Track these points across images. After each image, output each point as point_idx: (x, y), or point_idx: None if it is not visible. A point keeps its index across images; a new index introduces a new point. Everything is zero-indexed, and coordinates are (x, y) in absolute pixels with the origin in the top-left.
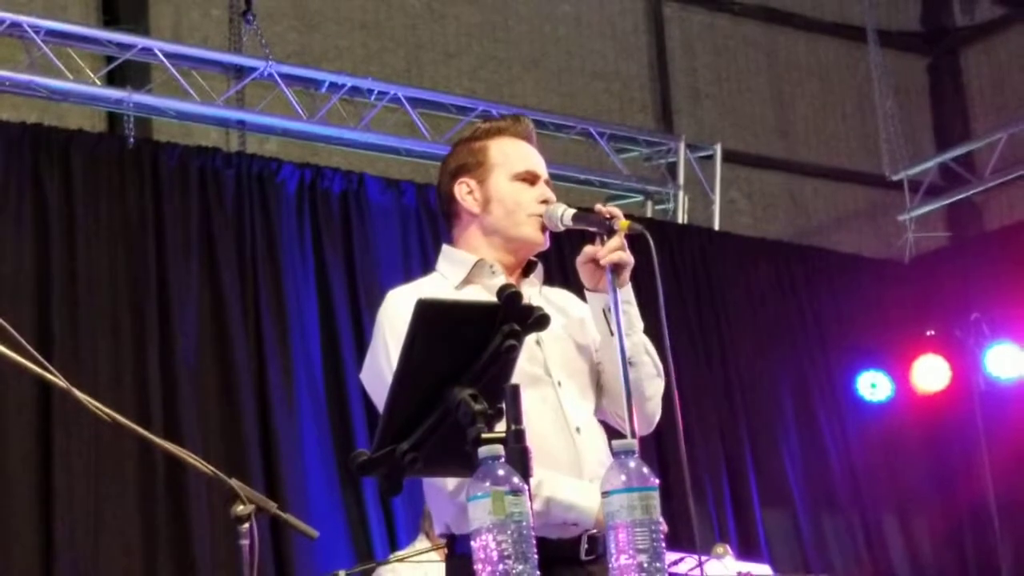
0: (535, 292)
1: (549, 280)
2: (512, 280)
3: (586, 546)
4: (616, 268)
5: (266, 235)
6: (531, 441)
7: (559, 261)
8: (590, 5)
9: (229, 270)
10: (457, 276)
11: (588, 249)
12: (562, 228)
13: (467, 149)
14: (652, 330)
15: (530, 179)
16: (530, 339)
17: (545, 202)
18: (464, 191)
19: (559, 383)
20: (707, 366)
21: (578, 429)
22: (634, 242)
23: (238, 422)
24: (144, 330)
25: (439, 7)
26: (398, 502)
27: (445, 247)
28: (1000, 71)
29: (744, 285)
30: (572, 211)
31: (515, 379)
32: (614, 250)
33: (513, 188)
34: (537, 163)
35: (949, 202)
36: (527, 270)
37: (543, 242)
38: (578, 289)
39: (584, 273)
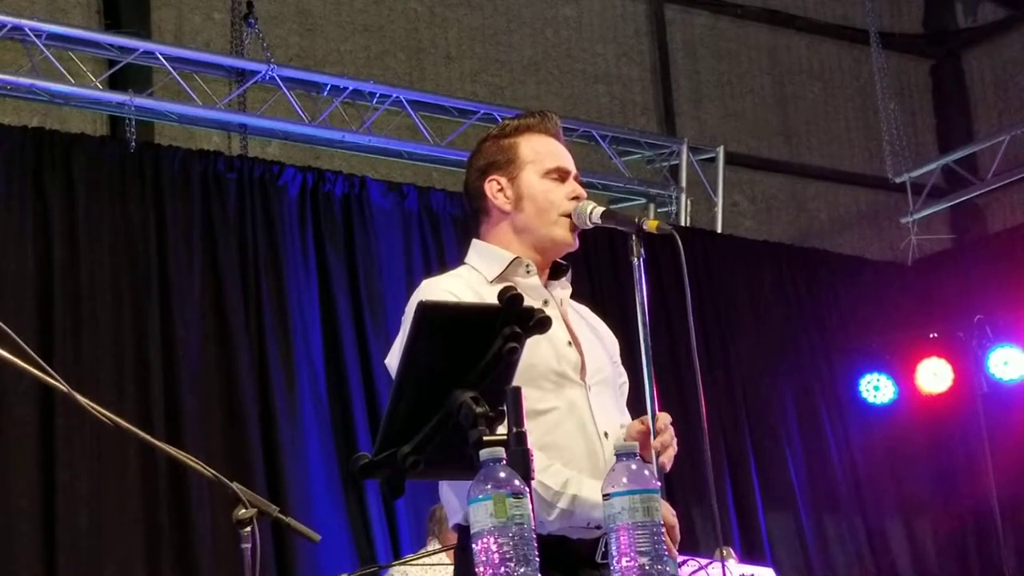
0: (566, 296)
1: (576, 279)
2: (543, 281)
3: (603, 549)
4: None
5: (268, 238)
6: (557, 442)
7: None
8: (591, 8)
9: (231, 273)
10: (492, 271)
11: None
12: (590, 225)
13: (496, 146)
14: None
15: (561, 176)
16: (561, 339)
17: (576, 198)
18: (495, 188)
19: (590, 387)
20: (709, 369)
21: (605, 434)
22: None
23: (240, 425)
24: (146, 333)
25: (440, 10)
26: (401, 505)
27: (476, 241)
28: (1003, 73)
29: (747, 288)
30: (601, 209)
31: (545, 378)
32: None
33: (544, 186)
34: (567, 160)
35: (952, 204)
36: (558, 273)
37: (573, 243)
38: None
39: None
